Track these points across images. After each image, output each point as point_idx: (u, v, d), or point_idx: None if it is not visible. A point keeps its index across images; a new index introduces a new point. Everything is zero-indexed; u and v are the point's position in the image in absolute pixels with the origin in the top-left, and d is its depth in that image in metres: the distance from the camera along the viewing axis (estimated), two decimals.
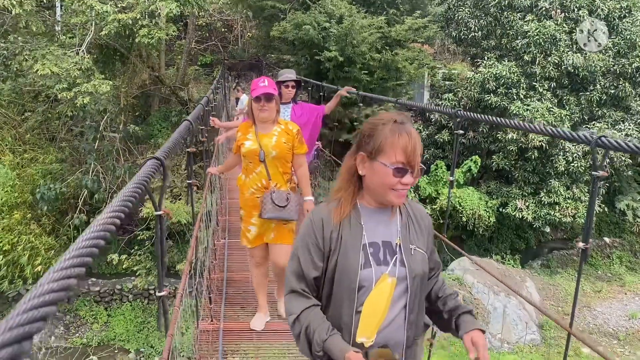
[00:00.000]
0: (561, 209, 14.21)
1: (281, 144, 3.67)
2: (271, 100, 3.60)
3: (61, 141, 14.65)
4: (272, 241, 3.83)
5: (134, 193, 1.47)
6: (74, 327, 12.98)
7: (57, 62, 10.92)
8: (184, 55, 17.48)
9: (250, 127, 3.74)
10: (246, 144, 3.68)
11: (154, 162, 1.74)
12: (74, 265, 0.91)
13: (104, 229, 1.13)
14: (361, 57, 14.87)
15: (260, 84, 3.59)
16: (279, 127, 3.72)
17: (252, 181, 3.72)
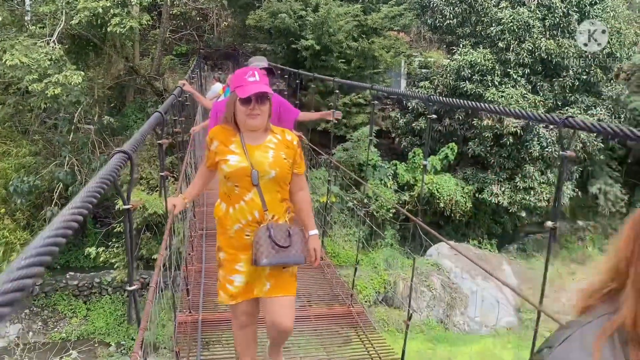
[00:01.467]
0: (536, 194, 14.47)
1: (281, 160, 2.66)
2: (265, 101, 2.63)
3: (34, 134, 14.38)
4: (269, 294, 2.72)
5: (98, 188, 1.46)
6: (52, 322, 12.85)
7: (27, 52, 10.68)
8: (159, 44, 17.24)
9: (233, 136, 2.68)
10: (231, 160, 2.61)
11: (121, 156, 1.72)
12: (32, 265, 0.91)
13: (65, 227, 1.12)
14: (338, 46, 14.86)
15: (248, 78, 2.61)
16: (274, 136, 2.73)
17: (240, 213, 2.64)
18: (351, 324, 4.25)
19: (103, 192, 1.47)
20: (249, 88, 2.56)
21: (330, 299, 4.69)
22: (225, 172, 2.61)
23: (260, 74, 2.65)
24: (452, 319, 12.89)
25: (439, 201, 14.58)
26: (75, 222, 1.17)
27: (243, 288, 2.73)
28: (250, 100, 2.58)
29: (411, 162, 15.21)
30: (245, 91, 2.55)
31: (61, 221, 1.12)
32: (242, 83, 2.59)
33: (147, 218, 11.52)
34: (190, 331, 3.88)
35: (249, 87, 2.56)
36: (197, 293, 4.47)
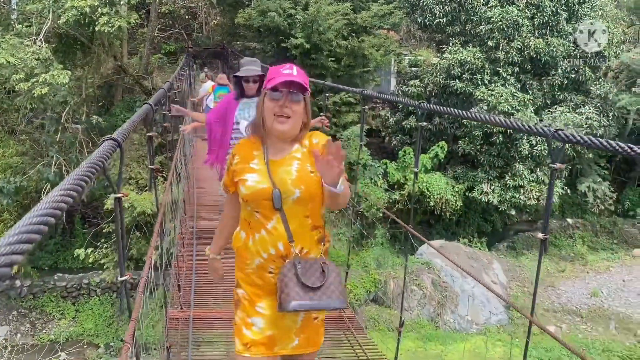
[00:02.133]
0: (526, 192, 14.54)
1: (307, 175, 2.10)
2: (300, 100, 2.08)
3: (21, 134, 14.22)
4: (296, 351, 2.21)
5: (88, 172, 1.42)
6: (41, 324, 12.71)
7: (14, 51, 10.54)
8: (147, 43, 17.12)
9: (256, 150, 2.18)
10: (249, 180, 2.10)
11: (110, 143, 1.69)
12: (20, 241, 0.87)
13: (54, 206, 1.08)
14: (328, 44, 14.84)
15: (283, 70, 2.10)
16: (304, 142, 2.19)
17: (261, 244, 2.12)
18: (341, 327, 4.21)
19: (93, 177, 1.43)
20: (282, 79, 2.03)
21: None
22: (243, 195, 2.09)
23: (298, 70, 2.11)
24: (442, 318, 12.91)
25: (430, 200, 14.60)
26: (64, 203, 1.13)
27: (264, 338, 2.13)
28: (278, 91, 2.03)
29: (401, 161, 15.22)
30: (275, 81, 2.04)
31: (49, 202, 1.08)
32: (274, 75, 2.08)
33: (136, 217, 11.42)
34: (181, 327, 3.83)
35: (281, 78, 2.03)
36: (189, 290, 4.42)
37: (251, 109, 4.55)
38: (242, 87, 4.52)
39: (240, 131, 4.50)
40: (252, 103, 4.60)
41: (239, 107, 4.59)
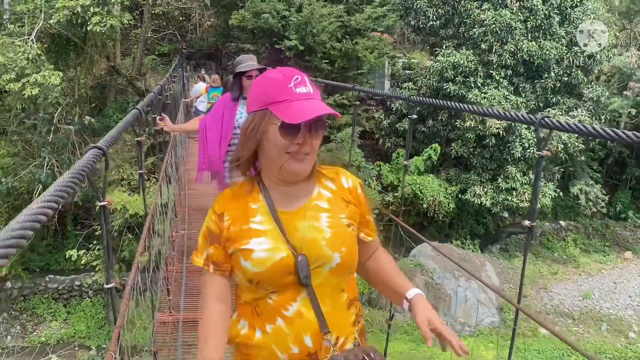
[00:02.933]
0: (518, 194, 14.59)
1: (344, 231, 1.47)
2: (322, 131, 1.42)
3: (12, 134, 14.13)
4: None
5: (71, 182, 1.41)
6: (32, 326, 12.63)
7: (4, 51, 10.49)
8: (140, 44, 17.07)
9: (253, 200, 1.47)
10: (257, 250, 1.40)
11: (95, 152, 1.68)
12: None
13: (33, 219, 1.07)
14: (322, 46, 14.86)
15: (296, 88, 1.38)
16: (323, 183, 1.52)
17: (278, 340, 1.42)
18: None
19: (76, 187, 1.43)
20: (302, 108, 1.33)
21: None
22: (251, 274, 1.37)
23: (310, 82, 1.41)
24: None
25: (422, 202, 14.63)
26: (44, 216, 1.12)
27: None
28: (298, 128, 1.34)
29: (395, 162, 15.25)
30: (295, 112, 1.32)
31: (28, 214, 1.08)
32: (285, 96, 1.35)
33: (128, 219, 11.38)
34: (170, 331, 3.82)
35: (301, 106, 1.33)
36: (178, 293, 4.41)
37: None
38: (241, 86, 4.22)
39: None
40: None
41: (238, 109, 4.26)
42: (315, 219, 1.44)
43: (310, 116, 1.31)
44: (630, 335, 13.04)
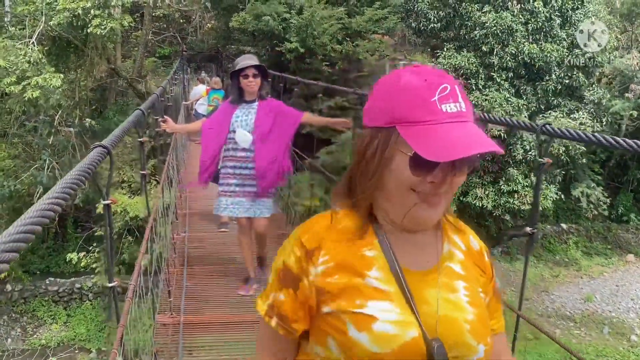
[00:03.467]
0: (520, 197, 14.55)
1: (483, 308, 1.04)
2: (472, 164, 0.97)
3: (13, 137, 14.12)
4: None
5: (76, 180, 1.40)
6: (32, 329, 12.60)
7: (6, 54, 10.49)
8: (141, 46, 17.08)
9: (366, 243, 1.00)
10: (379, 318, 0.92)
11: (100, 150, 1.66)
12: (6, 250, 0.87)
13: (41, 215, 1.07)
14: (322, 49, 14.84)
15: (442, 104, 0.91)
16: (452, 239, 1.09)
17: None
18: None
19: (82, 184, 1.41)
20: (449, 137, 0.89)
21: None
22: (366, 352, 0.92)
23: (463, 93, 0.97)
24: None
25: None
26: (52, 212, 1.11)
27: None
28: (436, 163, 0.91)
29: None
30: (438, 144, 0.88)
31: (37, 210, 1.06)
32: (425, 115, 0.92)
33: (128, 222, 11.35)
34: (171, 333, 3.79)
35: (447, 134, 0.89)
36: (179, 295, 4.38)
37: (250, 114, 4.12)
38: (240, 87, 4.05)
39: (235, 142, 4.11)
40: (252, 108, 4.14)
41: (235, 113, 4.12)
42: (451, 289, 1.01)
43: (462, 154, 0.87)
44: (633, 338, 13.00)
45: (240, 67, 3.97)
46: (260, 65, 4.06)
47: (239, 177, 4.18)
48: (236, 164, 4.17)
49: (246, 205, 4.19)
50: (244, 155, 4.13)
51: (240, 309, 4.29)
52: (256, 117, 4.07)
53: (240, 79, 4.03)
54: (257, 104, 4.11)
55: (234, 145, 4.13)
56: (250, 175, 4.15)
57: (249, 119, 4.09)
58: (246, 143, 4.08)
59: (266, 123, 4.07)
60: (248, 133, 4.07)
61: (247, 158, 4.14)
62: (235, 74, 4.07)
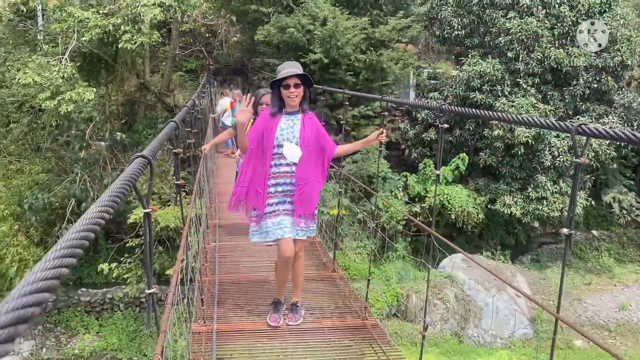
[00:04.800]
0: (549, 204, 14.33)
1: None
2: None
3: (46, 151, 14.53)
4: None
5: (121, 189, 1.48)
6: (65, 338, 12.86)
7: (40, 71, 10.84)
8: (169, 61, 17.42)
9: None
10: None
11: (141, 161, 1.74)
12: (65, 256, 0.93)
13: (94, 222, 1.14)
14: (346, 59, 14.94)
15: None
16: None
17: None
18: (365, 337, 4.20)
19: (126, 194, 1.49)
20: None
21: (343, 311, 4.63)
22: None
23: None
24: (466, 332, 12.74)
25: (451, 212, 14.49)
26: (102, 219, 1.19)
27: None
28: None
29: (422, 173, 15.16)
30: None
31: (89, 218, 1.14)
32: None
33: (158, 232, 11.54)
34: (205, 341, 3.86)
35: None
36: (211, 304, 4.46)
37: (295, 125, 3.77)
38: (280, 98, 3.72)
39: (284, 156, 3.76)
40: (296, 119, 3.80)
41: (279, 125, 3.76)
42: None
43: None
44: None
45: (282, 77, 3.62)
46: (305, 75, 3.70)
47: (281, 195, 3.82)
48: (279, 181, 3.81)
49: (288, 225, 3.81)
50: (288, 170, 3.80)
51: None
52: (301, 128, 3.78)
53: (281, 89, 3.70)
54: (300, 115, 3.82)
55: (277, 161, 3.77)
56: (292, 192, 3.82)
57: (295, 130, 3.76)
58: (295, 157, 3.74)
59: (310, 138, 3.80)
60: (297, 146, 3.76)
61: (291, 173, 3.80)
62: (275, 83, 3.72)
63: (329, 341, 4.10)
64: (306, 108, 3.83)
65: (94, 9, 11.94)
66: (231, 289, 4.88)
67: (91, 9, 11.89)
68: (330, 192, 13.30)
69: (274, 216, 3.80)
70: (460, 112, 3.44)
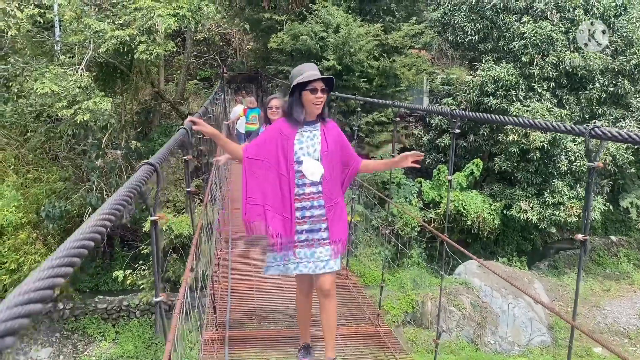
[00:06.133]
0: (566, 209, 14.15)
1: None
2: None
3: (64, 160, 14.71)
4: None
5: (125, 197, 1.48)
6: (82, 345, 12.96)
7: (57, 81, 11.00)
8: (183, 70, 17.58)
9: None
10: None
11: (147, 168, 1.75)
12: (61, 265, 0.92)
13: (93, 230, 1.14)
14: (359, 65, 14.95)
15: None
16: None
17: None
18: (379, 344, 4.17)
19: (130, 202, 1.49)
20: None
21: (356, 318, 4.62)
22: None
23: None
24: (482, 339, 12.59)
25: (466, 218, 14.37)
26: (103, 227, 1.19)
27: None
28: None
29: (436, 179, 15.08)
30: None
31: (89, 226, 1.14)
32: None
33: (173, 240, 11.60)
34: (217, 349, 3.86)
35: None
36: (224, 311, 4.46)
37: (315, 137, 3.27)
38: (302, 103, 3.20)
39: (304, 174, 3.24)
40: (315, 130, 3.29)
41: (297, 138, 3.26)
42: None
43: None
44: None
45: (306, 80, 3.13)
46: (330, 79, 3.25)
47: (308, 221, 3.27)
48: (305, 204, 3.26)
49: (323, 257, 3.29)
50: (314, 190, 3.26)
51: (284, 323, 4.34)
52: (322, 140, 3.27)
53: (304, 94, 3.18)
54: (319, 125, 3.31)
55: (300, 181, 3.24)
56: (320, 217, 3.29)
57: (315, 143, 3.25)
58: (317, 175, 3.24)
59: (334, 151, 3.30)
60: (318, 162, 3.26)
61: (317, 194, 3.27)
62: (297, 87, 3.20)
63: (342, 348, 4.08)
64: (326, 116, 3.35)
65: (109, 20, 12.11)
66: (243, 295, 4.89)
67: (107, 20, 12.06)
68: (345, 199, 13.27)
69: (307, 247, 3.27)
70: (471, 117, 3.42)
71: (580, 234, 2.28)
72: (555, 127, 2.36)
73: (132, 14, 11.77)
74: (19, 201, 13.07)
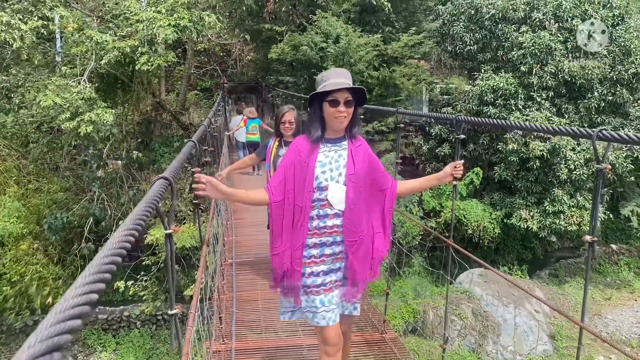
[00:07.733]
0: (566, 218, 14.18)
1: None
2: None
3: (65, 170, 14.74)
4: None
5: (145, 212, 1.52)
6: (83, 357, 12.92)
7: (59, 92, 11.05)
8: (184, 80, 17.66)
9: None
10: None
11: (162, 182, 1.78)
12: (95, 281, 0.96)
13: (120, 246, 1.18)
14: (359, 75, 15.03)
15: None
16: None
17: None
18: (385, 350, 4.19)
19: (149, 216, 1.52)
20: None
21: (362, 325, 4.64)
22: None
23: None
24: (484, 348, 12.56)
25: (467, 227, 14.39)
26: (128, 243, 1.22)
27: None
28: None
29: (436, 188, 15.11)
30: None
31: (116, 242, 1.18)
32: None
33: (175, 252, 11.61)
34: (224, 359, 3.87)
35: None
36: (230, 322, 4.47)
37: (341, 159, 2.68)
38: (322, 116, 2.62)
39: (324, 204, 2.66)
40: (341, 149, 2.71)
41: (318, 159, 2.66)
42: None
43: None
44: None
45: (328, 89, 2.54)
46: (361, 89, 2.63)
47: (328, 259, 2.72)
48: (324, 240, 2.70)
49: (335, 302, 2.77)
50: (337, 223, 2.69)
51: (291, 333, 4.35)
52: (348, 161, 2.67)
53: (324, 106, 2.59)
54: (346, 143, 2.72)
55: (321, 211, 2.66)
56: (342, 254, 2.75)
57: (340, 166, 2.67)
58: (343, 204, 2.66)
59: (361, 173, 2.69)
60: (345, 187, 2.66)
61: (341, 228, 2.70)
62: (316, 97, 2.62)
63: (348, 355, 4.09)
64: (355, 132, 2.73)
65: (111, 31, 12.19)
66: (249, 306, 4.90)
67: (109, 31, 12.14)
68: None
69: (324, 292, 2.72)
70: (477, 122, 3.46)
71: (588, 236, 2.30)
72: (562, 130, 2.40)
73: (134, 26, 11.85)
74: (20, 212, 13.08)
